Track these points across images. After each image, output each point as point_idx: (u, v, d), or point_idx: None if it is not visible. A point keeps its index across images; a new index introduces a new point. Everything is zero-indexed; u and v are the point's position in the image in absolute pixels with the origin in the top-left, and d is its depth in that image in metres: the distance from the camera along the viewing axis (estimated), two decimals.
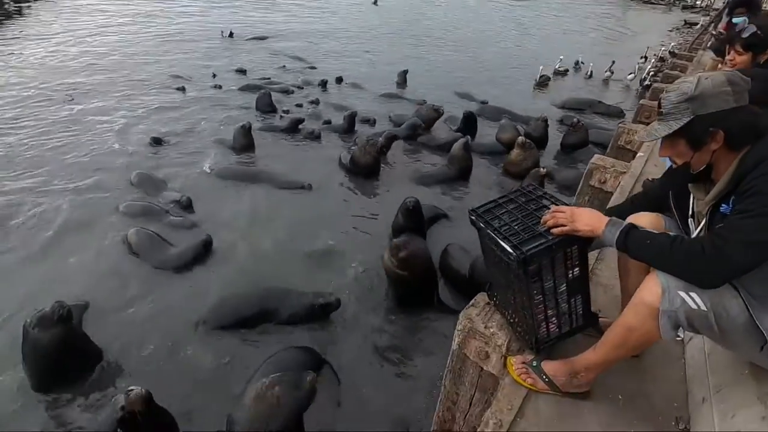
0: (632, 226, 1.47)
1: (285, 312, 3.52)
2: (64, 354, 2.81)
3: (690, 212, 1.60)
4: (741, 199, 1.31)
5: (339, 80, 9.73)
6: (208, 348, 3.28)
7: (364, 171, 5.86)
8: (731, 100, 1.32)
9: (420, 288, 3.68)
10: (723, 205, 1.40)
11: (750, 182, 1.29)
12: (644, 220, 1.64)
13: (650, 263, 1.46)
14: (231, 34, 12.25)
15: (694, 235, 1.56)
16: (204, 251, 4.16)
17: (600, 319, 1.92)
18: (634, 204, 1.88)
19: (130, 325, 3.42)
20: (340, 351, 3.30)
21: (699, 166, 1.46)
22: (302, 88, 9.26)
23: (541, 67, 11.30)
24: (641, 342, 1.48)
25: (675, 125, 1.38)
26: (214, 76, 9.09)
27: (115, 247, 4.23)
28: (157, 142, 6.30)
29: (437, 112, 7.37)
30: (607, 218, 1.51)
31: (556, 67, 12.21)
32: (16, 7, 13.35)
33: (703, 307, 1.33)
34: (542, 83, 11.04)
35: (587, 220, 1.51)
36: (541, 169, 5.19)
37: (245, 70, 9.83)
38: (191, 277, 3.98)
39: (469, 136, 6.59)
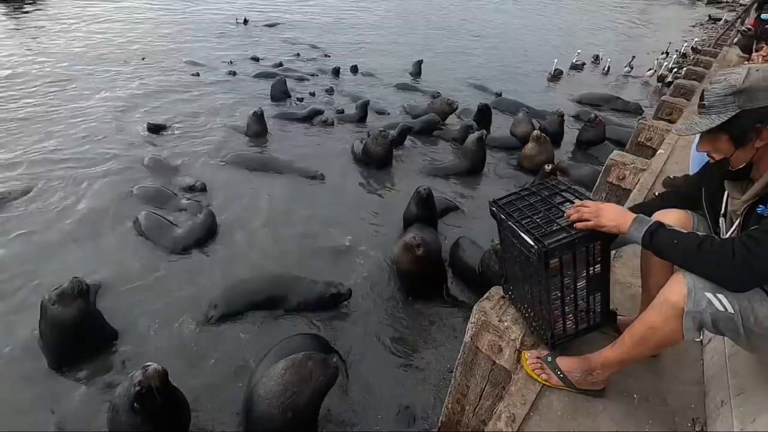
0: (659, 225, 1.42)
1: (295, 299, 3.53)
2: (82, 330, 2.85)
3: (723, 211, 1.55)
4: None
5: (354, 69, 9.67)
6: (219, 331, 3.32)
7: (376, 162, 5.84)
8: None
9: (430, 282, 3.67)
10: (760, 206, 1.34)
11: None
12: (672, 217, 1.59)
13: (677, 263, 1.42)
14: (246, 21, 12.21)
15: (725, 235, 1.51)
16: (206, 231, 4.16)
17: (618, 317, 1.89)
18: (664, 200, 1.83)
19: (143, 306, 3.47)
20: (349, 340, 3.31)
21: (740, 164, 1.40)
22: (317, 75, 9.23)
23: (555, 60, 11.10)
24: (662, 342, 1.44)
25: (718, 120, 1.32)
26: (231, 62, 9.08)
27: (128, 231, 4.27)
28: (154, 129, 6.22)
29: (450, 107, 7.29)
30: (633, 215, 1.47)
31: (573, 60, 11.98)
32: None
33: (731, 310, 1.29)
34: (556, 77, 10.85)
35: (613, 215, 1.47)
36: (547, 166, 5.05)
37: (259, 58, 9.81)
38: (204, 262, 4.02)
39: (484, 130, 6.50)
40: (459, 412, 2.22)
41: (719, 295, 1.30)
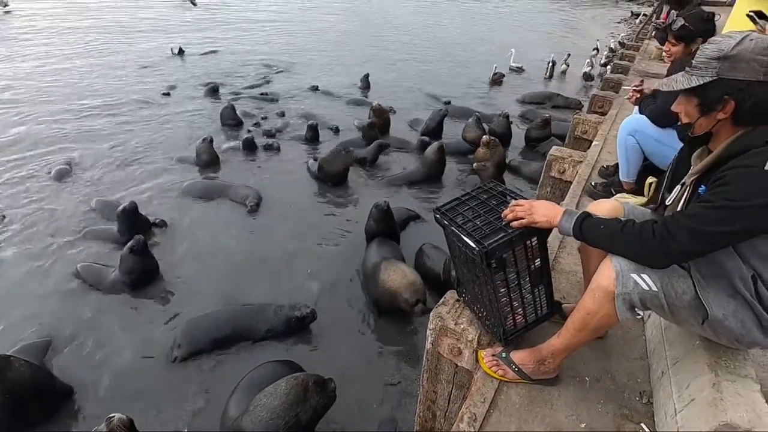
0: (586, 215, 1.52)
1: (262, 328, 3.48)
2: (26, 400, 2.68)
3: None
4: (712, 186, 1.30)
5: (315, 89, 9.67)
6: (184, 371, 3.22)
7: (333, 179, 5.87)
8: (762, 71, 1.23)
9: None
10: (702, 185, 1.39)
11: (725, 170, 1.27)
12: (603, 207, 1.69)
13: (604, 248, 1.51)
14: (181, 51, 11.76)
15: (668, 200, 1.57)
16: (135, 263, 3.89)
17: (563, 305, 2.00)
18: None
19: (98, 355, 3.30)
20: (321, 362, 3.28)
21: (700, 131, 1.41)
22: (267, 98, 9.12)
23: (495, 65, 11.61)
24: (601, 325, 1.54)
25: (695, 81, 1.32)
26: (167, 94, 8.79)
27: (68, 279, 4.04)
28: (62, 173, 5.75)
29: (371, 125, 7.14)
30: (562, 209, 1.57)
31: (511, 63, 12.51)
32: None
33: (654, 288, 1.39)
34: (496, 81, 11.31)
35: (544, 211, 1.56)
36: (475, 164, 5.41)
37: (209, 84, 9.61)
38: (159, 300, 3.88)
39: (443, 140, 6.66)
40: (431, 419, 2.26)
41: (643, 275, 1.40)
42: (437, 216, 1.79)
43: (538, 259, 1.68)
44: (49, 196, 5.36)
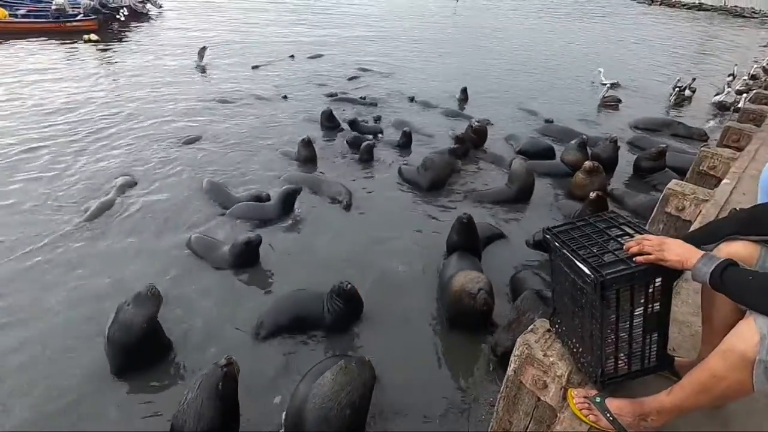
0: (730, 262, 1.33)
1: (323, 310, 3.63)
2: (148, 335, 3.08)
3: None
4: None
5: (411, 99, 9.84)
6: (264, 347, 3.47)
7: (428, 185, 5.91)
8: None
9: (480, 320, 3.63)
10: None
11: None
12: (737, 248, 1.49)
13: (750, 305, 1.31)
14: (291, 56, 12.69)
15: None
16: (248, 250, 4.27)
17: (675, 359, 1.77)
18: (738, 222, 1.64)
19: (194, 320, 3.67)
20: (385, 366, 3.26)
21: None
22: (366, 102, 9.44)
23: (606, 87, 10.75)
24: (729, 393, 1.33)
25: None
26: (285, 97, 9.49)
27: (181, 252, 4.51)
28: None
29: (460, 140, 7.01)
30: (700, 252, 1.39)
31: (602, 80, 11.61)
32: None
33: None
34: (608, 104, 10.44)
35: (678, 250, 1.41)
36: (592, 193, 4.86)
37: (321, 86, 10.26)
38: (254, 279, 4.20)
39: (524, 157, 6.37)
40: None
41: None
42: (547, 237, 1.69)
43: (658, 303, 1.50)
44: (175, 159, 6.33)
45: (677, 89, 10.98)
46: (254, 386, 3.06)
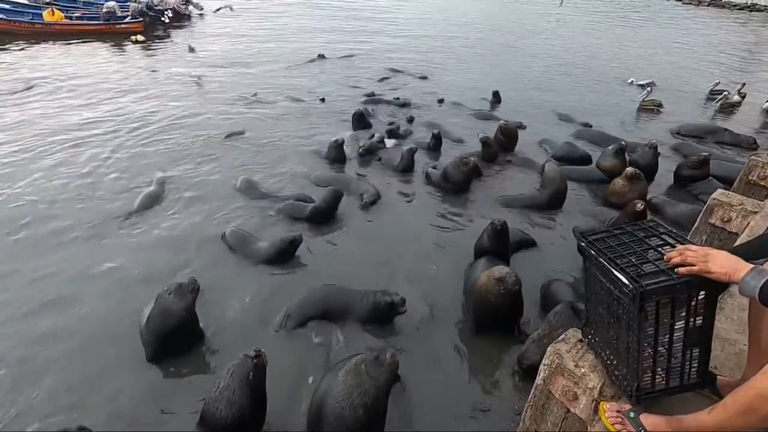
0: None
1: (358, 308, 3.67)
2: (185, 324, 3.22)
3: None
4: None
5: (441, 101, 9.77)
6: (290, 340, 3.55)
7: (455, 187, 5.87)
8: None
9: (507, 317, 3.58)
10: None
11: None
12: None
13: None
14: (321, 56, 12.78)
15: None
16: (290, 248, 4.42)
17: (718, 377, 1.69)
18: None
19: (226, 311, 3.79)
20: (410, 365, 3.29)
21: None
22: (401, 103, 9.43)
23: (647, 89, 10.36)
24: None
25: None
26: (323, 100, 9.58)
27: (216, 245, 4.66)
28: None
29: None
30: (749, 265, 1.32)
31: (639, 82, 11.48)
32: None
33: None
34: (647, 107, 10.04)
35: (723, 261, 1.34)
36: (638, 204, 4.60)
37: (353, 87, 10.36)
38: (286, 274, 4.30)
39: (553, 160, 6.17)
40: None
41: None
42: (582, 244, 1.64)
43: (701, 318, 1.44)
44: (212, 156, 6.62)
45: (718, 94, 10.60)
46: (281, 377, 3.12)
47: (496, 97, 10.01)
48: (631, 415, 1.57)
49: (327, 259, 4.56)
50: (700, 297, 1.39)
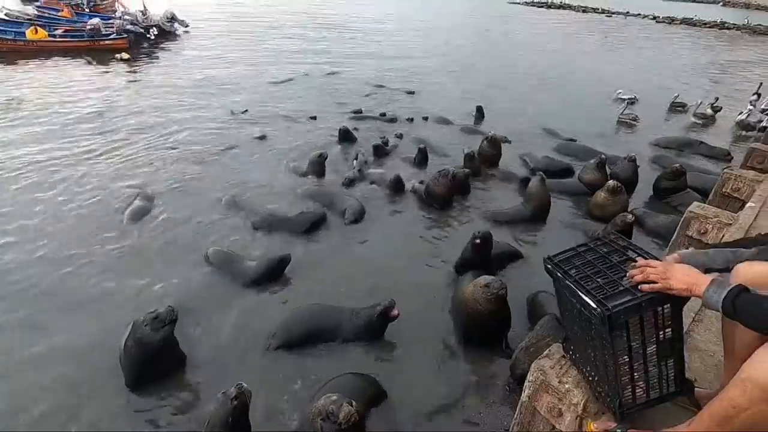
0: (742, 288, 1.29)
1: (348, 327, 3.64)
2: (163, 353, 3.14)
3: None
4: None
5: (425, 119, 9.85)
6: (276, 361, 3.48)
7: (438, 201, 5.92)
8: None
9: (493, 328, 3.59)
10: None
11: None
12: (758, 270, 1.44)
13: (766, 332, 1.27)
14: (306, 74, 12.72)
15: None
16: (279, 267, 4.38)
17: (696, 389, 1.72)
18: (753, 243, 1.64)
19: (209, 333, 3.72)
20: (399, 381, 3.29)
21: None
22: (387, 119, 9.53)
23: (626, 102, 10.72)
24: (750, 424, 1.28)
25: None
26: (314, 118, 9.49)
27: (199, 265, 4.59)
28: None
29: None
30: (708, 277, 1.36)
31: (620, 96, 11.95)
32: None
33: None
34: (624, 121, 10.36)
35: (683, 277, 1.38)
36: (629, 216, 4.73)
37: (341, 104, 10.42)
38: (271, 292, 4.25)
39: (542, 173, 6.23)
40: None
41: None
42: (548, 266, 1.68)
43: (669, 330, 1.47)
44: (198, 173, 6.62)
45: (681, 106, 11.51)
46: (267, 401, 3.07)
47: (480, 113, 10.19)
48: (618, 431, 1.58)
49: (314, 277, 4.52)
50: (666, 310, 1.43)
